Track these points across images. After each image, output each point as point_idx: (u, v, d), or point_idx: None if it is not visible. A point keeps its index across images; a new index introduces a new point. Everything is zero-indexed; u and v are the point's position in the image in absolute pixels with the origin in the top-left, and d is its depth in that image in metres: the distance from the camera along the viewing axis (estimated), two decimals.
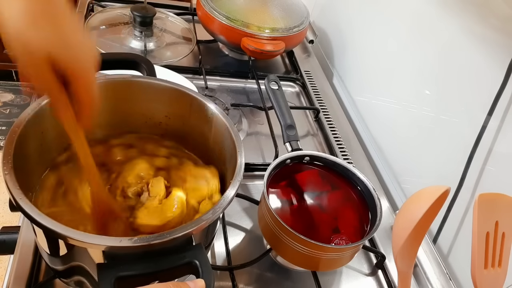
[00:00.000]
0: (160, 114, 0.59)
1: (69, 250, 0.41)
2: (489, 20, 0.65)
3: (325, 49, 1.17)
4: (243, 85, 0.97)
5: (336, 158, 0.65)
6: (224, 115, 0.54)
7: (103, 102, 0.54)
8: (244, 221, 0.67)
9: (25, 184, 0.40)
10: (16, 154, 0.42)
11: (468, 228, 0.64)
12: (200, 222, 0.40)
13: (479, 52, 0.66)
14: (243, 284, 0.59)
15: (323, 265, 0.56)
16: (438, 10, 0.75)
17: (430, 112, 0.76)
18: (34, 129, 0.47)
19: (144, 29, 0.95)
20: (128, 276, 0.37)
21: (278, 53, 0.93)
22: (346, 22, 1.07)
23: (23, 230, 0.56)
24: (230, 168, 0.50)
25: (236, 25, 0.90)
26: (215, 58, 1.03)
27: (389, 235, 0.71)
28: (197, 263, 0.39)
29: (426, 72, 0.78)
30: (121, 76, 0.55)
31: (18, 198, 0.38)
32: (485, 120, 0.63)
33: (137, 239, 0.37)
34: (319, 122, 0.91)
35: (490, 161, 0.63)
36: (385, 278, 0.64)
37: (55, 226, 0.37)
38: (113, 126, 0.58)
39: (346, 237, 0.56)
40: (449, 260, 0.70)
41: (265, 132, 0.84)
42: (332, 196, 0.62)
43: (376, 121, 0.93)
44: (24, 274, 0.52)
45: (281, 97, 0.71)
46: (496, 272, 0.50)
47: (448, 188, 0.48)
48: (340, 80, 1.08)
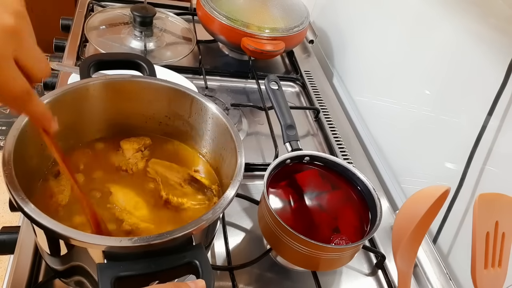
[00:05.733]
0: (160, 114, 0.59)
1: (69, 250, 0.41)
2: (489, 20, 0.65)
3: (325, 49, 1.17)
4: (243, 85, 0.97)
5: (336, 158, 0.65)
6: (224, 115, 0.54)
7: (103, 102, 0.55)
8: (244, 221, 0.67)
9: (25, 184, 0.40)
10: (16, 154, 0.42)
11: (468, 228, 0.64)
12: (200, 222, 0.40)
13: (479, 52, 0.66)
14: (243, 284, 0.59)
15: (323, 265, 0.56)
16: (438, 10, 0.75)
17: (430, 112, 0.76)
18: (34, 129, 0.47)
19: (144, 29, 0.95)
20: (128, 276, 0.37)
21: (278, 53, 0.93)
22: (346, 22, 1.07)
23: (23, 230, 0.56)
24: (230, 168, 0.50)
25: (236, 25, 0.90)
26: (215, 58, 1.03)
27: (389, 235, 0.71)
28: (197, 263, 0.39)
29: (426, 72, 0.78)
30: (121, 76, 0.56)
31: (18, 198, 0.38)
32: (485, 120, 0.63)
33: (137, 239, 0.37)
34: (319, 122, 0.91)
35: (490, 161, 0.63)
36: (385, 278, 0.64)
37: (55, 226, 0.37)
38: (113, 126, 0.58)
39: (346, 237, 0.56)
40: (449, 260, 0.70)
41: (265, 132, 0.84)
42: (332, 196, 0.62)
43: (376, 121, 0.93)
44: (24, 274, 0.52)
45: (281, 97, 0.71)
46: (496, 272, 0.50)
47: (448, 188, 0.48)
48: (340, 80, 1.08)
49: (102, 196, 0.51)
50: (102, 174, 0.54)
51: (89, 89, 0.53)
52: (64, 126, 0.52)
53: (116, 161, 0.55)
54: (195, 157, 0.59)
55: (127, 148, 0.56)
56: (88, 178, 0.53)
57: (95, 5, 1.04)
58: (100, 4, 1.05)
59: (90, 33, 0.90)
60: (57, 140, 0.43)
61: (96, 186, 0.52)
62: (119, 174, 0.54)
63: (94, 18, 0.95)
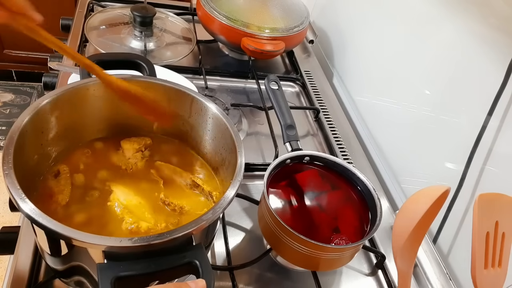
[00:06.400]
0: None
1: (69, 250, 0.41)
2: (490, 20, 0.65)
3: (325, 49, 1.17)
4: (243, 85, 0.97)
5: (336, 158, 0.65)
6: (224, 115, 0.54)
7: (103, 102, 0.55)
8: (244, 221, 0.67)
9: (25, 184, 0.40)
10: (16, 154, 0.42)
11: (468, 228, 0.64)
12: (200, 222, 0.40)
13: (479, 52, 0.66)
14: (243, 284, 0.59)
15: (323, 265, 0.56)
16: (438, 10, 0.75)
17: (430, 112, 0.76)
18: (34, 129, 0.47)
19: (144, 29, 0.95)
20: (128, 276, 0.37)
21: (278, 53, 0.93)
22: (346, 22, 1.07)
23: (23, 230, 0.56)
24: (230, 168, 0.50)
25: (236, 25, 0.90)
26: (215, 58, 1.03)
27: (389, 235, 0.71)
28: (197, 263, 0.39)
29: (426, 72, 0.78)
30: (121, 76, 0.56)
31: (18, 198, 0.38)
32: (485, 120, 0.63)
33: (137, 239, 0.37)
34: (319, 122, 0.91)
35: (490, 161, 0.63)
36: (385, 278, 0.64)
37: (55, 226, 0.37)
38: (113, 126, 0.58)
39: (346, 237, 0.56)
40: (449, 260, 0.70)
41: (265, 132, 0.84)
42: (332, 196, 0.62)
43: (376, 121, 0.93)
44: (24, 274, 0.52)
45: (281, 97, 0.71)
46: (496, 272, 0.50)
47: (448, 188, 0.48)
48: (340, 80, 1.08)
49: (102, 195, 0.51)
50: (103, 174, 0.54)
51: (89, 89, 0.53)
52: (64, 126, 0.52)
53: (116, 161, 0.55)
54: (195, 157, 0.59)
55: (128, 148, 0.56)
56: (88, 177, 0.53)
57: (95, 5, 1.05)
58: (100, 4, 1.05)
59: (90, 33, 0.90)
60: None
61: (97, 185, 0.52)
62: (119, 173, 0.54)
63: (94, 18, 0.95)
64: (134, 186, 0.53)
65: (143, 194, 0.52)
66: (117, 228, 0.48)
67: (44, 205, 0.48)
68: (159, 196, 0.52)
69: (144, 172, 0.55)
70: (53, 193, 0.49)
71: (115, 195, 0.51)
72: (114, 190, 0.51)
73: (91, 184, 0.52)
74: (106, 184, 0.52)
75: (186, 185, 0.55)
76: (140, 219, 0.49)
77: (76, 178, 0.52)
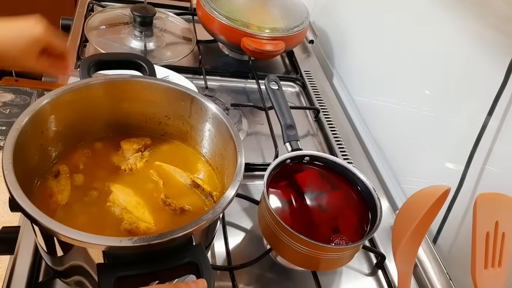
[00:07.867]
0: (160, 114, 0.59)
1: (69, 250, 0.41)
2: (489, 20, 0.65)
3: (325, 49, 1.17)
4: (243, 85, 0.97)
5: (336, 158, 0.65)
6: (224, 115, 0.54)
7: (103, 102, 0.55)
8: (244, 221, 0.67)
9: (25, 184, 0.40)
10: (16, 154, 0.42)
11: (468, 228, 0.64)
12: (200, 222, 0.40)
13: (479, 52, 0.66)
14: (243, 284, 0.59)
15: (323, 265, 0.56)
16: (438, 10, 0.75)
17: (430, 112, 0.76)
18: (34, 129, 0.47)
19: (144, 29, 0.95)
20: (128, 276, 0.37)
21: (278, 53, 0.93)
22: (346, 22, 1.07)
23: (23, 230, 0.56)
24: (230, 168, 0.50)
25: (236, 25, 0.90)
26: (215, 58, 1.03)
27: (389, 235, 0.71)
28: (197, 263, 0.39)
29: (426, 72, 0.78)
30: (121, 76, 0.56)
31: (18, 198, 0.38)
32: (485, 120, 0.63)
33: (137, 239, 0.37)
34: (319, 122, 0.91)
35: (490, 161, 0.63)
36: (385, 278, 0.64)
37: (55, 226, 0.37)
38: (113, 126, 0.58)
39: (346, 237, 0.56)
40: (449, 260, 0.70)
41: (265, 132, 0.84)
42: (332, 196, 0.62)
43: (376, 121, 0.93)
44: (24, 274, 0.52)
45: (281, 97, 0.71)
46: (496, 272, 0.50)
47: (448, 188, 0.48)
48: (340, 80, 1.08)
49: (102, 195, 0.51)
50: (102, 174, 0.54)
51: (89, 89, 0.53)
52: (64, 126, 0.52)
53: (116, 161, 0.55)
54: (195, 157, 0.59)
55: (127, 149, 0.56)
56: (88, 177, 0.53)
57: (95, 5, 1.04)
58: (100, 4, 1.05)
59: (90, 33, 0.90)
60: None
61: (96, 185, 0.52)
62: (119, 173, 0.54)
63: (94, 18, 0.95)
64: (134, 186, 0.53)
65: (142, 194, 0.52)
66: (117, 228, 0.48)
67: (44, 205, 0.48)
68: (159, 196, 0.52)
69: (143, 172, 0.55)
70: (53, 193, 0.49)
71: (115, 195, 0.51)
72: (114, 190, 0.51)
73: (91, 184, 0.52)
74: (105, 184, 0.52)
75: (186, 185, 0.55)
76: (139, 219, 0.49)
77: (76, 178, 0.52)
